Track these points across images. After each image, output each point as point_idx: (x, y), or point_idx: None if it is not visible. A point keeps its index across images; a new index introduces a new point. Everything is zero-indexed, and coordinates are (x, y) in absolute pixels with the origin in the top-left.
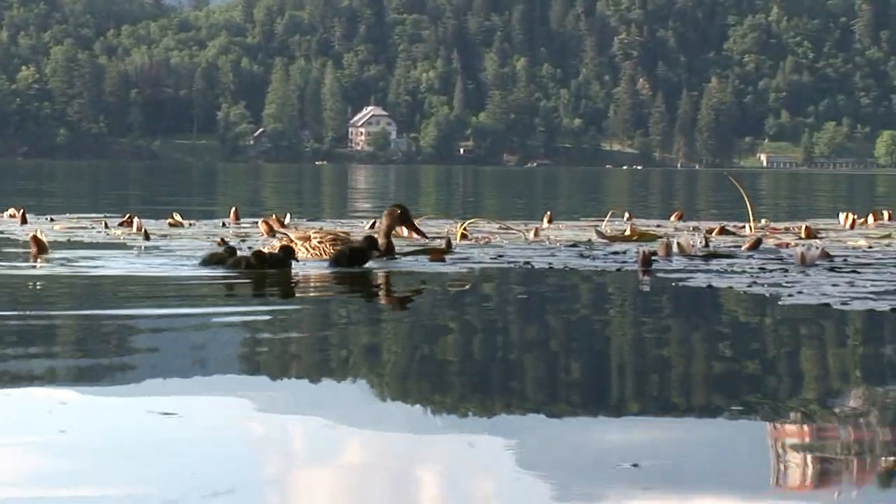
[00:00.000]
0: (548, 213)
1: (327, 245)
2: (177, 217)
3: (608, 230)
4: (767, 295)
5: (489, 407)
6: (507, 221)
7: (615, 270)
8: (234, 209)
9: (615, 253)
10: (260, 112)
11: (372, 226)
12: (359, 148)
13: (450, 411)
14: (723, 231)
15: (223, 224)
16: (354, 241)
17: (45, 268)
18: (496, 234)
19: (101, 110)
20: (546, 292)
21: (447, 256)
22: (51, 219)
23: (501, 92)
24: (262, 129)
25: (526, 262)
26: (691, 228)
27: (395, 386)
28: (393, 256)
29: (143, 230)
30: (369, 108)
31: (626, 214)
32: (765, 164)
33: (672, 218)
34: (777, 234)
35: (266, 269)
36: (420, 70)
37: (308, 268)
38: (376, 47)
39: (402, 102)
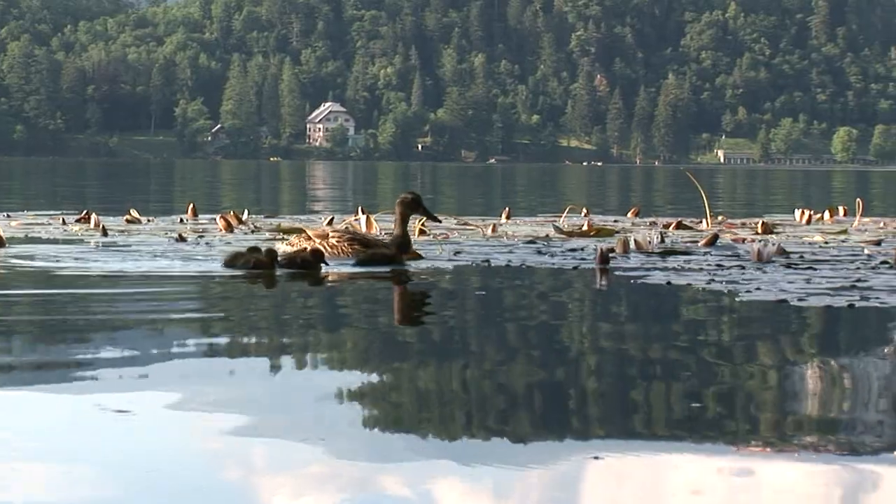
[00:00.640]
0: (506, 209)
1: (345, 244)
2: (134, 213)
3: (566, 226)
4: (725, 292)
5: (434, 419)
6: (466, 217)
7: (572, 269)
8: (191, 205)
9: (572, 249)
10: (218, 108)
11: (330, 222)
12: (317, 144)
13: (408, 430)
14: (679, 226)
15: (181, 220)
16: (373, 239)
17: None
18: (454, 231)
19: (58, 107)
20: (504, 290)
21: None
22: (7, 215)
23: (459, 88)
24: (219, 125)
25: (484, 261)
26: (648, 224)
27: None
28: (410, 252)
29: (100, 226)
30: (327, 104)
31: (584, 210)
32: (722, 160)
33: (629, 214)
34: (734, 230)
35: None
36: (378, 66)
37: (336, 269)
38: (334, 43)
39: (360, 99)
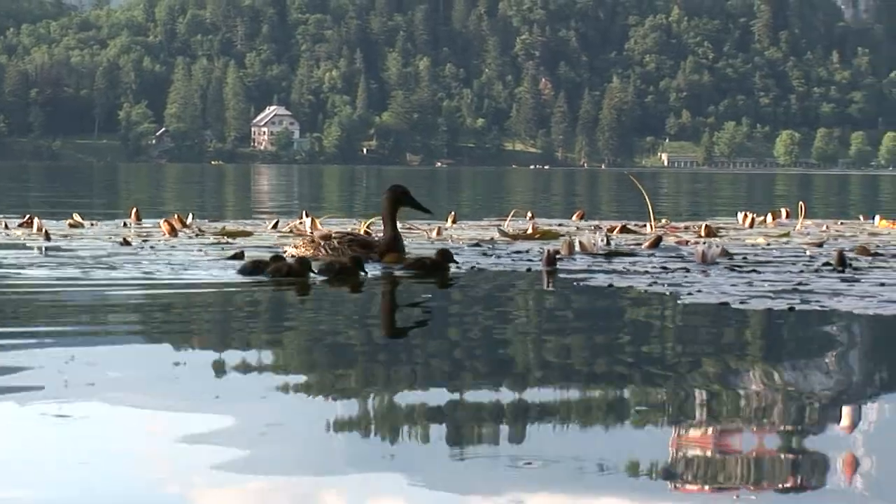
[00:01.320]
0: (451, 212)
1: (345, 247)
2: (77, 217)
3: (511, 229)
4: (667, 294)
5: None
6: (411, 221)
7: (525, 270)
8: (135, 209)
9: (517, 252)
10: (162, 112)
11: (275, 225)
12: (262, 148)
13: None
14: (624, 229)
15: (124, 224)
16: (373, 241)
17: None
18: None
19: (0, 110)
20: (452, 293)
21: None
22: None
23: (404, 92)
24: (164, 128)
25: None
26: (593, 227)
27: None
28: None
29: (43, 230)
30: (272, 107)
31: (529, 213)
32: (666, 163)
33: (574, 217)
34: (677, 233)
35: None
36: (323, 70)
37: (376, 272)
38: (279, 47)
39: (304, 102)
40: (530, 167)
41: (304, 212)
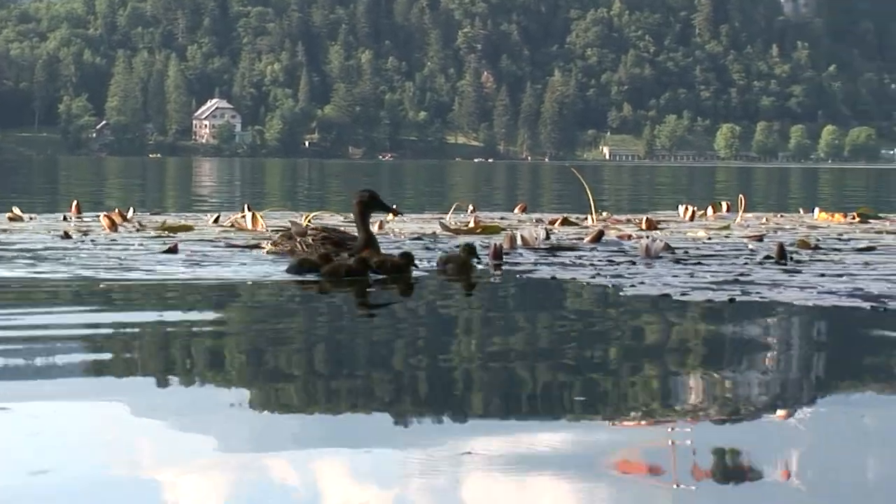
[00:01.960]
0: (393, 205)
1: (319, 244)
2: (16, 211)
3: (452, 223)
4: (610, 286)
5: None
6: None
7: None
8: (75, 203)
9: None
10: (103, 105)
11: (216, 220)
12: (203, 141)
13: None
14: (565, 222)
15: (64, 218)
16: (346, 240)
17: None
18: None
19: None
20: (401, 288)
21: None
22: None
23: (346, 85)
24: (104, 121)
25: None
26: (534, 221)
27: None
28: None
29: None
30: (213, 100)
31: (471, 207)
32: (608, 156)
33: (516, 210)
34: (618, 226)
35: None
36: (265, 63)
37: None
38: (220, 39)
39: (246, 95)
40: (474, 160)
41: (246, 206)
